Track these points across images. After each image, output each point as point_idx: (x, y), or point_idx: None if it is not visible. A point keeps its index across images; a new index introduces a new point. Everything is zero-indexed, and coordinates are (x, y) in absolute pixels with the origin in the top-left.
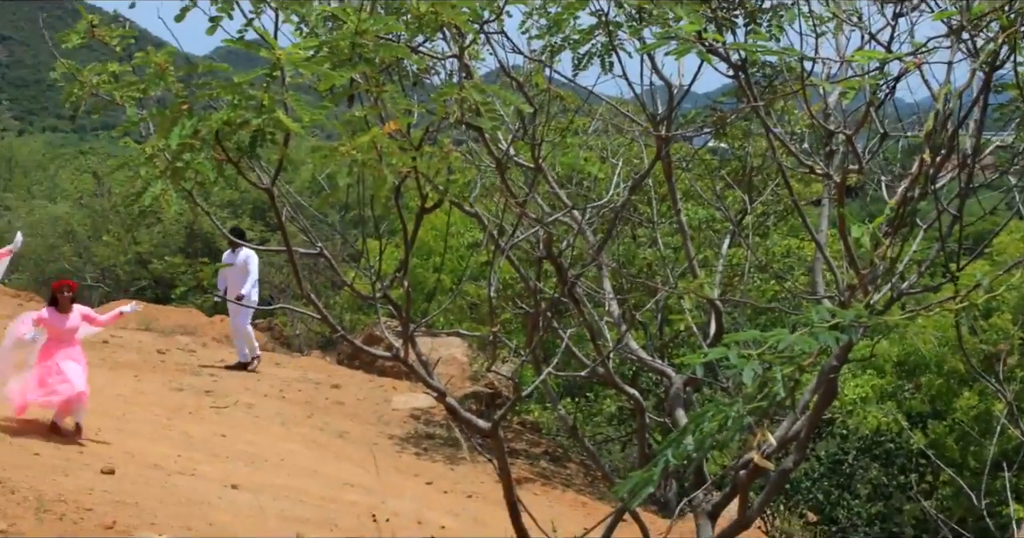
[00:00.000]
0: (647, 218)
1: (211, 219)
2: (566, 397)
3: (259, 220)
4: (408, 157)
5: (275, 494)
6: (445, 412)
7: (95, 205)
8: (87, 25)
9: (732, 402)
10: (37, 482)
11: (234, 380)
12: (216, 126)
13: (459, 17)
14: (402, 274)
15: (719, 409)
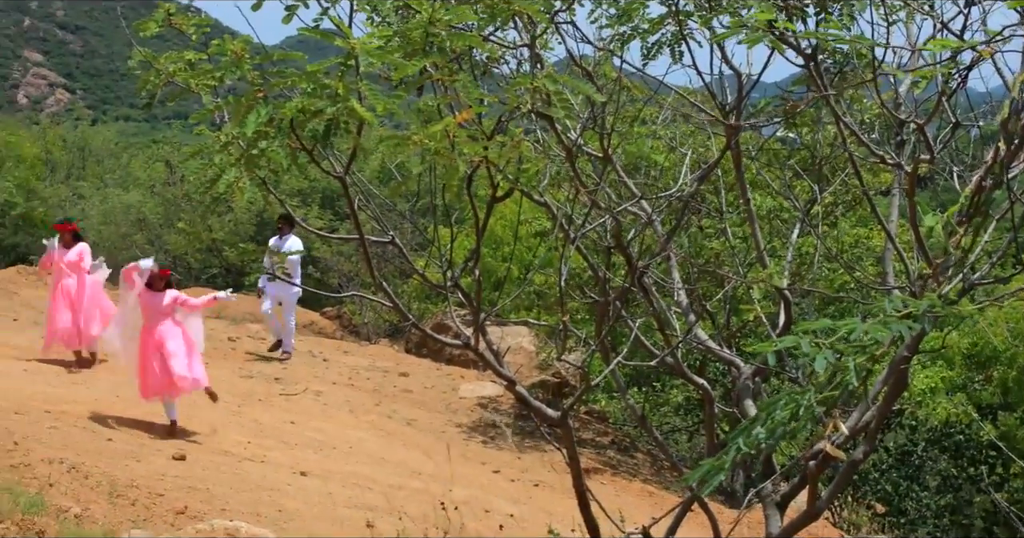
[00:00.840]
0: (715, 208)
1: (284, 207)
2: (633, 387)
3: (328, 209)
4: (480, 146)
5: (343, 481)
6: (512, 401)
7: (167, 193)
8: (164, 13)
9: (803, 391)
10: (110, 467)
11: (303, 368)
12: (291, 114)
13: (531, 7)
14: (473, 263)
15: (791, 398)
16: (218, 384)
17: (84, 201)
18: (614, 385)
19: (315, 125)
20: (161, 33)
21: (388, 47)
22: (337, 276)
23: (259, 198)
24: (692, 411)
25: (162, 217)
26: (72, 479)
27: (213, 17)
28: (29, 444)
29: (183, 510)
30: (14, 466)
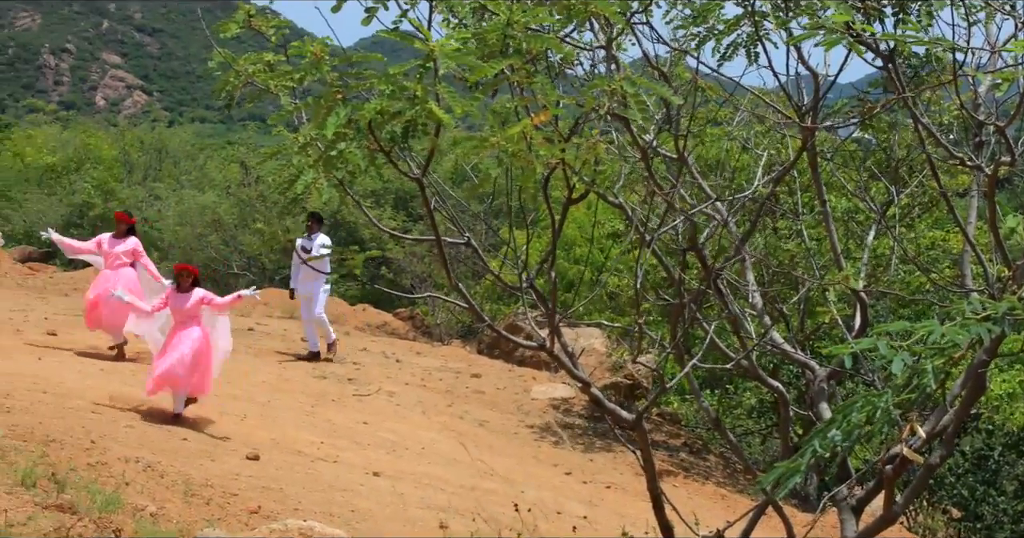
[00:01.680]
0: (790, 209)
1: (361, 209)
2: (706, 389)
3: (401, 210)
4: (557, 148)
5: (416, 482)
6: (584, 402)
7: (242, 194)
8: (244, 15)
9: (880, 394)
10: (185, 466)
11: (376, 369)
12: (369, 116)
13: (608, 8)
14: (548, 265)
15: (867, 401)
16: (292, 384)
17: (160, 202)
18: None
19: (393, 127)
20: (238, 35)
21: (466, 49)
22: (410, 277)
23: (334, 199)
24: (765, 414)
25: (237, 218)
26: (148, 478)
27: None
28: (106, 443)
29: (257, 510)
30: (91, 464)
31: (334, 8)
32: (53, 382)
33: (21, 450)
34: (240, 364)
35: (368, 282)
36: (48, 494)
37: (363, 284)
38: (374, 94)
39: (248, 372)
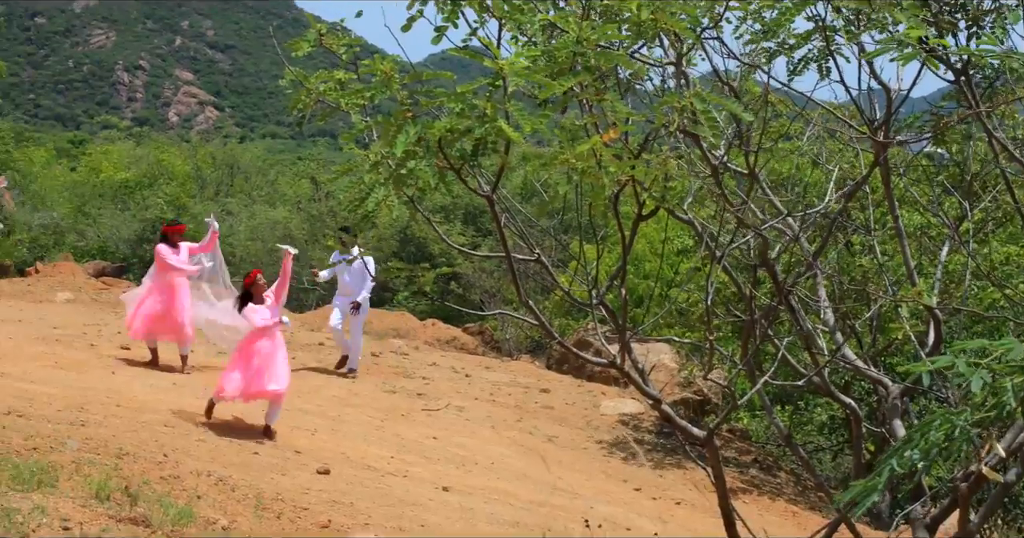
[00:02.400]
0: (862, 224)
1: (431, 225)
2: (776, 405)
3: (470, 225)
4: (626, 165)
5: (485, 497)
6: (654, 418)
7: (312, 209)
8: (316, 34)
9: (959, 411)
10: (256, 480)
11: (445, 383)
12: (439, 134)
13: (679, 24)
14: (619, 281)
15: (946, 419)
16: (361, 399)
17: (232, 217)
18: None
19: (463, 144)
20: (310, 52)
21: (535, 67)
22: (479, 292)
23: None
24: (836, 430)
25: (307, 233)
26: (219, 491)
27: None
28: (178, 456)
29: (327, 524)
30: (164, 478)
31: (404, 27)
32: (126, 396)
33: (95, 463)
34: (310, 379)
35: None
36: (121, 507)
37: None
38: (444, 112)
39: (319, 387)
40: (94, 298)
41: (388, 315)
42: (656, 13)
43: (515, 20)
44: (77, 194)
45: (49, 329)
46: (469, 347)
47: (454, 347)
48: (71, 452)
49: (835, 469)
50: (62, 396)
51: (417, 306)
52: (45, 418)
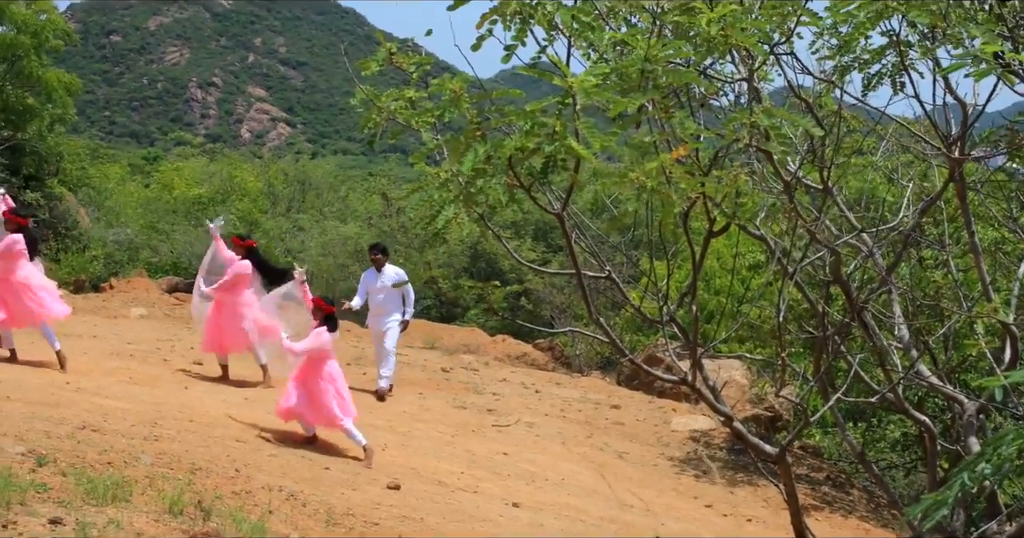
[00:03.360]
0: (936, 240)
1: (501, 242)
2: (848, 422)
3: (541, 241)
4: (697, 182)
5: (555, 513)
6: (725, 434)
7: (383, 225)
8: (386, 53)
9: None
10: (327, 495)
11: (515, 399)
12: (509, 152)
13: (749, 39)
14: (690, 298)
15: (1019, 434)
16: (432, 414)
17: (304, 233)
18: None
19: (532, 162)
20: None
21: (607, 84)
22: (549, 308)
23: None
24: (909, 447)
25: None
26: (291, 507)
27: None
28: (250, 471)
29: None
30: (236, 493)
31: (474, 47)
32: (199, 411)
33: (168, 478)
34: None
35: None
36: (194, 521)
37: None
38: (513, 129)
39: (389, 402)
40: (167, 313)
41: (459, 331)
42: (726, 29)
43: (585, 37)
44: (151, 210)
45: (123, 344)
46: (539, 363)
47: (524, 363)
48: (145, 467)
49: (908, 487)
50: (136, 411)
51: (487, 322)
52: (119, 433)
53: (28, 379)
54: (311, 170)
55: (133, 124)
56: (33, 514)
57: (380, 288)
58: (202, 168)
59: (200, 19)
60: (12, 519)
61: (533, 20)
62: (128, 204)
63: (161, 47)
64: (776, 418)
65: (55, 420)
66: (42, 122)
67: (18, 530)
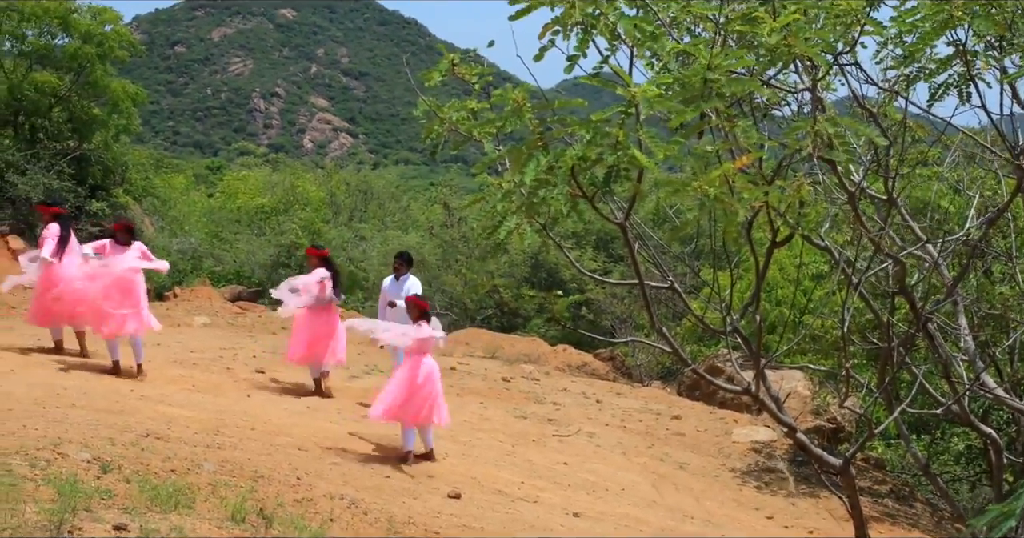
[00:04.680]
0: (1003, 251)
1: (563, 252)
2: (912, 433)
3: (602, 251)
4: (760, 191)
5: (616, 523)
6: (787, 446)
7: (445, 235)
8: (448, 64)
9: None
10: (388, 504)
11: (576, 409)
12: (571, 162)
13: (811, 49)
14: (753, 308)
15: None
16: (492, 424)
17: (366, 242)
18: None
19: (595, 172)
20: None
21: (669, 94)
22: (610, 318)
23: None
24: (974, 460)
25: (440, 258)
26: (352, 515)
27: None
28: (311, 479)
29: None
30: (298, 501)
31: (536, 57)
32: (261, 419)
33: (231, 485)
34: None
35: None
36: (257, 529)
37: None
38: (576, 140)
39: (450, 411)
40: (230, 322)
41: (519, 340)
42: (788, 39)
43: (647, 47)
44: (214, 220)
45: (187, 353)
46: (600, 373)
47: (585, 373)
48: (207, 474)
49: (972, 500)
50: (199, 419)
51: (548, 332)
52: (182, 440)
53: (93, 386)
54: (373, 180)
55: (197, 134)
56: (98, 520)
57: (397, 297)
58: (265, 178)
59: (263, 30)
60: (78, 525)
61: (595, 30)
62: (192, 213)
63: (225, 58)
64: (838, 430)
65: (119, 427)
66: (108, 132)
67: (84, 536)
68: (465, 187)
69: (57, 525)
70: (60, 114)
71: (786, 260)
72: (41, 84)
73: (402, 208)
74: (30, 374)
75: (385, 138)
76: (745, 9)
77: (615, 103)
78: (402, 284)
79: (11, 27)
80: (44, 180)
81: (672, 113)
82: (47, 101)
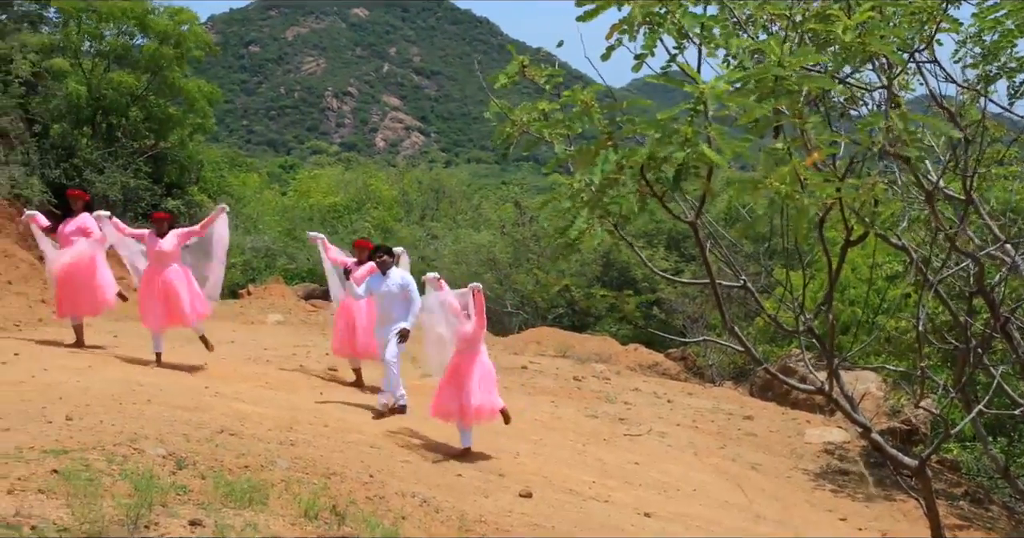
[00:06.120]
0: None
1: (635, 251)
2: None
3: (673, 250)
4: (832, 188)
5: (687, 524)
6: (861, 447)
7: (516, 234)
8: (518, 65)
9: None
10: (460, 502)
11: (647, 409)
12: (641, 160)
13: (886, 47)
14: (826, 308)
15: None
16: (563, 423)
17: (437, 241)
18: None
19: (664, 170)
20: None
21: (740, 90)
22: (682, 318)
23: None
24: None
25: (511, 257)
26: (424, 513)
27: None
28: (383, 477)
29: None
30: (370, 498)
31: (603, 57)
32: (334, 417)
33: (304, 482)
34: (513, 402)
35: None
36: (329, 526)
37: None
38: (644, 139)
39: (521, 410)
40: (303, 320)
41: (590, 340)
42: (863, 36)
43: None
44: (287, 218)
45: (260, 350)
46: (671, 373)
47: (656, 372)
48: (281, 471)
49: None
50: (272, 416)
51: (619, 331)
52: (256, 437)
53: (169, 383)
54: (445, 178)
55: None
56: (174, 515)
57: (384, 293)
58: (338, 176)
59: (336, 29)
60: (154, 520)
61: (662, 29)
62: (266, 212)
63: (298, 57)
64: (912, 431)
65: (194, 424)
66: (183, 131)
67: (160, 531)
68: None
69: (134, 520)
70: (137, 113)
71: (859, 260)
72: (119, 84)
73: (473, 206)
74: (107, 370)
75: (457, 137)
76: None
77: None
78: (389, 278)
79: (90, 27)
80: (121, 179)
81: (742, 109)
82: (125, 100)
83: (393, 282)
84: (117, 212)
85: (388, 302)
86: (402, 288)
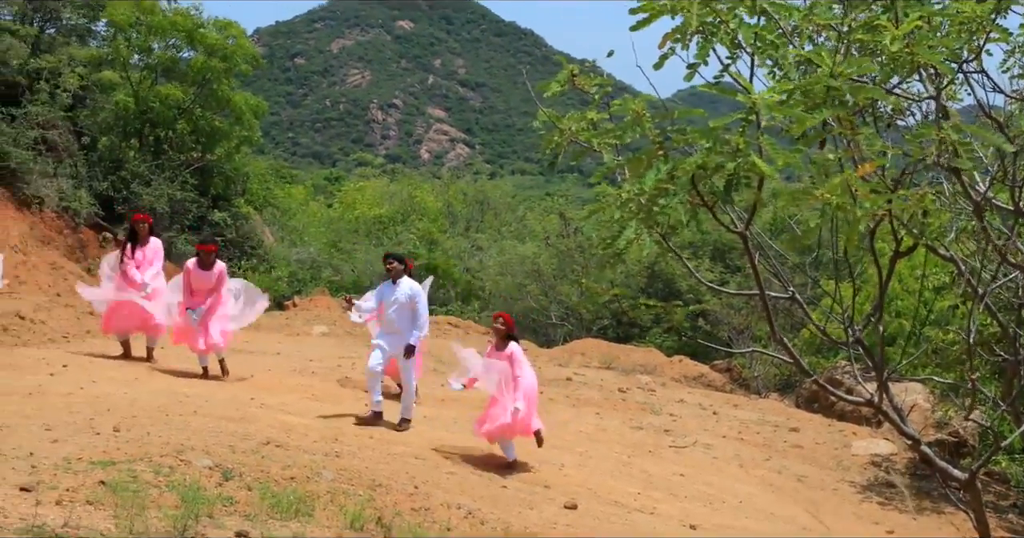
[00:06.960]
0: None
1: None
2: None
3: (719, 261)
4: (882, 200)
5: (733, 536)
6: (908, 460)
7: (561, 245)
8: (568, 74)
9: None
10: (504, 514)
11: (692, 420)
12: (691, 170)
13: (934, 57)
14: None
15: None
16: (608, 434)
17: (482, 252)
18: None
19: (715, 180)
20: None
21: (790, 101)
22: (727, 329)
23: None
24: None
25: (556, 268)
26: (469, 524)
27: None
28: (429, 489)
29: None
30: (415, 509)
31: (656, 66)
32: (379, 428)
33: (350, 493)
34: (558, 414)
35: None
36: (375, 537)
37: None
38: (695, 149)
39: (566, 421)
40: (348, 332)
41: (636, 351)
42: (911, 46)
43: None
44: (333, 230)
45: (305, 362)
46: (717, 384)
47: (701, 384)
48: (326, 482)
49: None
50: (318, 427)
51: (664, 342)
52: (302, 449)
53: (215, 394)
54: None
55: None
56: (220, 526)
57: (392, 302)
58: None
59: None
60: (201, 531)
61: (715, 38)
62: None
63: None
64: (961, 444)
65: (240, 435)
66: (230, 143)
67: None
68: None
69: (181, 531)
70: (184, 126)
71: (905, 271)
72: (166, 97)
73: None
74: (153, 381)
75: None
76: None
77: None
78: (399, 288)
79: (139, 41)
80: (168, 191)
81: (793, 120)
82: (172, 113)
83: (402, 291)
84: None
85: (395, 311)
86: (410, 298)
